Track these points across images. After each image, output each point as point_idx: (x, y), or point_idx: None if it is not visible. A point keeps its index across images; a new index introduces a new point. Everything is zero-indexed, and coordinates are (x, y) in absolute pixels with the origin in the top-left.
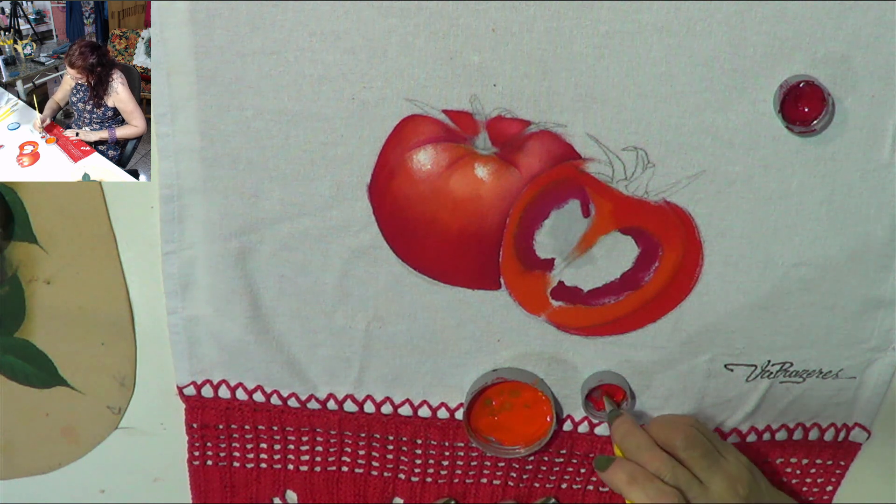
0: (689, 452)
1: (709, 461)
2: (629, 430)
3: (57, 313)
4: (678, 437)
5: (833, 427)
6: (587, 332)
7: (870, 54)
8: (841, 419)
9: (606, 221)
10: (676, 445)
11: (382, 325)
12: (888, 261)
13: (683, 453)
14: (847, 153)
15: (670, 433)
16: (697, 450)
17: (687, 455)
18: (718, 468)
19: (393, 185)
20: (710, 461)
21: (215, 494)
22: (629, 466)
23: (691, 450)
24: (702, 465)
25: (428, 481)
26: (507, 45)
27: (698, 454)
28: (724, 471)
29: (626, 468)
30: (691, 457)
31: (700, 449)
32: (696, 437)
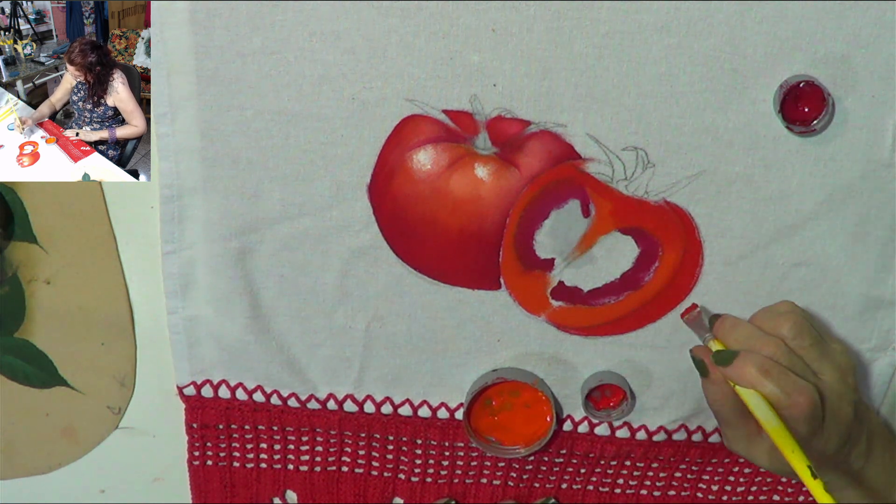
0: (798, 342)
1: (819, 350)
2: (734, 322)
3: (57, 313)
4: (786, 326)
5: None
6: (587, 332)
7: (870, 54)
8: None
9: (606, 221)
10: (784, 335)
11: (382, 325)
12: (888, 261)
13: (793, 342)
14: (847, 153)
15: (776, 322)
16: (807, 339)
17: (796, 344)
18: (828, 357)
19: (393, 185)
20: (821, 350)
21: (215, 494)
22: (758, 357)
23: (800, 339)
24: (812, 355)
25: (428, 481)
26: (507, 45)
27: (808, 343)
28: (834, 360)
29: (755, 359)
30: (801, 346)
31: (809, 338)
32: (804, 325)
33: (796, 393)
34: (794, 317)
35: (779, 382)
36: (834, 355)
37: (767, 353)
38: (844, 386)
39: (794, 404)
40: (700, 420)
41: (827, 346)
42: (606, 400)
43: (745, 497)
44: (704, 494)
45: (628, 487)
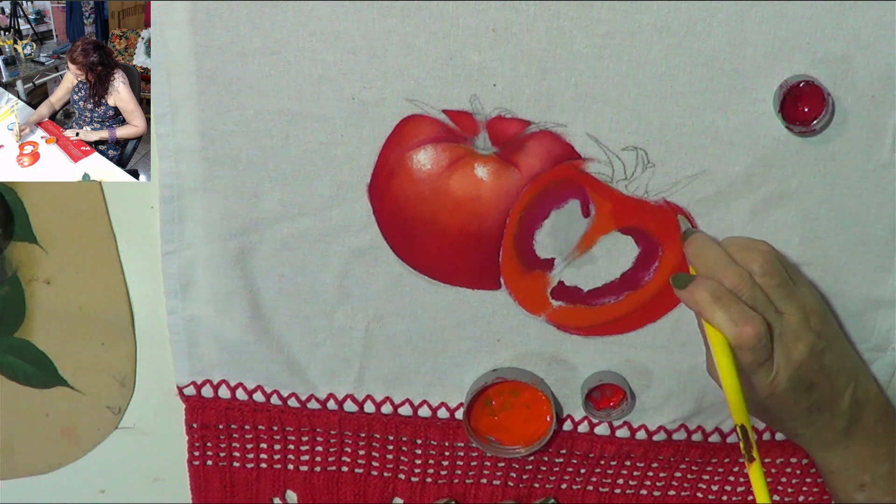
0: (766, 279)
1: (786, 291)
2: (705, 243)
3: (57, 313)
4: (756, 262)
5: None
6: (587, 331)
7: (870, 54)
8: None
9: (606, 221)
10: (753, 270)
11: (382, 325)
12: (888, 261)
13: (761, 279)
14: (847, 153)
15: (748, 256)
16: (775, 278)
17: (764, 282)
18: (794, 298)
19: (393, 185)
20: (787, 291)
21: (215, 494)
22: (712, 284)
23: (769, 277)
24: (778, 295)
25: (428, 481)
26: (507, 45)
27: (776, 283)
28: (800, 301)
29: (709, 286)
30: (768, 284)
31: (778, 277)
32: (774, 264)
33: (743, 321)
34: (766, 255)
35: (728, 310)
36: (801, 297)
37: (728, 283)
38: (804, 327)
39: (739, 332)
40: (700, 420)
41: (795, 289)
42: (606, 400)
43: (745, 497)
44: (704, 494)
45: (628, 487)
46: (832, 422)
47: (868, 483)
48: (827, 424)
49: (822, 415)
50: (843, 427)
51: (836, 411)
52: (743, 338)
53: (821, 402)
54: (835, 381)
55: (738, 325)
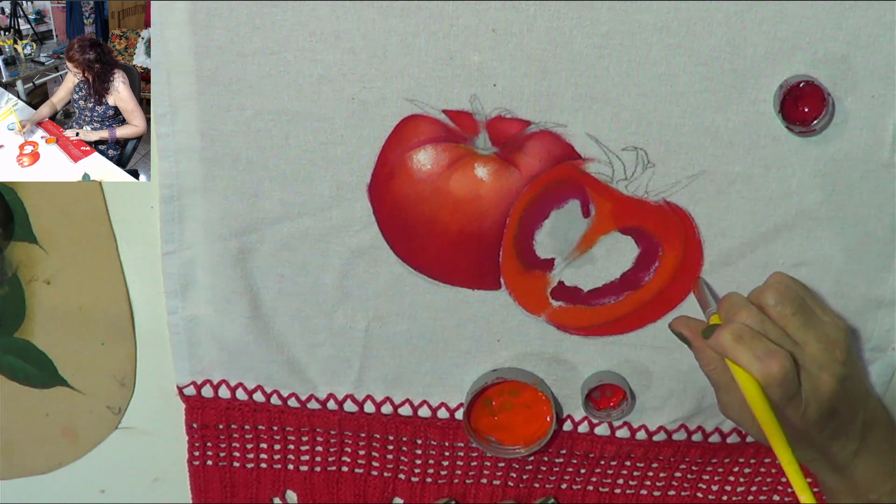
0: (779, 309)
1: (803, 319)
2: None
3: (57, 313)
4: (768, 294)
5: None
6: (587, 331)
7: (870, 54)
8: None
9: (606, 221)
10: (766, 303)
11: (382, 325)
12: (888, 261)
13: (774, 310)
14: (847, 153)
15: (761, 291)
16: (789, 307)
17: (777, 312)
18: (813, 327)
19: (393, 185)
20: (804, 319)
21: (215, 494)
22: (733, 326)
23: (782, 306)
24: (795, 324)
25: (428, 481)
26: (507, 45)
27: (790, 311)
28: (820, 331)
29: (731, 327)
30: (782, 314)
31: (791, 306)
32: (786, 294)
33: (767, 357)
34: (778, 286)
35: (750, 347)
36: (821, 327)
37: (741, 319)
38: (828, 357)
39: (765, 368)
40: (700, 420)
41: (814, 317)
42: (606, 400)
43: (745, 497)
44: (704, 494)
45: (628, 487)
46: (845, 445)
47: (873, 501)
48: (840, 449)
49: (837, 440)
50: (853, 450)
51: (849, 436)
52: (769, 372)
53: (839, 429)
54: (852, 406)
55: (762, 361)
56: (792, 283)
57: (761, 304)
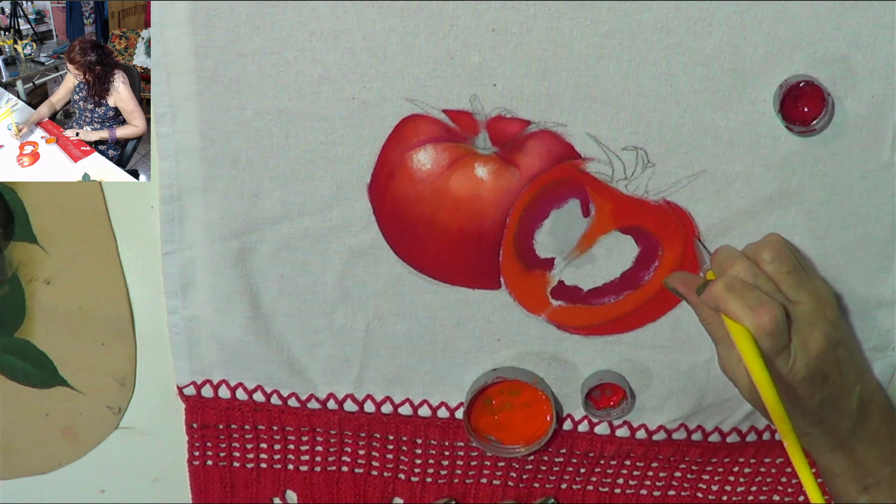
0: (775, 266)
1: (798, 278)
2: (720, 249)
3: (57, 313)
4: (765, 251)
5: None
6: (587, 331)
7: (870, 54)
8: None
9: (606, 221)
10: (763, 258)
11: (382, 325)
12: (888, 261)
13: (769, 266)
14: (847, 153)
15: (757, 247)
16: (785, 265)
17: (773, 269)
18: (807, 287)
19: (393, 184)
20: (799, 279)
21: (215, 494)
22: (727, 277)
23: (778, 264)
24: (789, 282)
25: (428, 481)
26: (507, 45)
27: (786, 269)
28: (813, 290)
29: (724, 279)
30: (778, 271)
31: (787, 265)
32: (783, 252)
33: (758, 307)
34: (775, 244)
35: (742, 296)
36: (814, 287)
37: (734, 271)
38: (819, 316)
39: (756, 318)
40: (699, 419)
41: (806, 278)
42: (606, 399)
43: (745, 497)
44: (704, 494)
45: (628, 487)
46: (840, 421)
47: (872, 485)
48: (835, 424)
49: (831, 412)
50: (849, 427)
51: (844, 410)
52: (760, 322)
53: (832, 399)
54: (846, 378)
55: (753, 311)
56: (788, 244)
57: (757, 259)
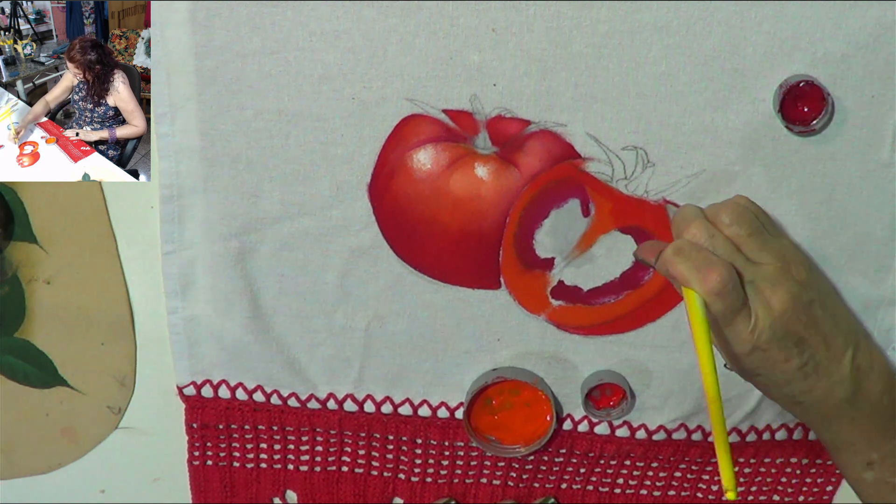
0: (734, 229)
1: (760, 240)
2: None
3: (57, 313)
4: (724, 213)
5: None
6: (587, 331)
7: (870, 54)
8: None
9: (606, 221)
10: (722, 221)
11: (382, 325)
12: (888, 261)
13: (729, 229)
14: (847, 153)
15: (717, 208)
16: (745, 228)
17: (733, 231)
18: (770, 248)
19: (393, 184)
20: (761, 241)
21: (215, 494)
22: (677, 241)
23: (737, 226)
24: (752, 245)
25: (428, 481)
26: (507, 45)
27: (745, 232)
28: (778, 251)
29: (673, 244)
30: (737, 234)
31: (748, 227)
32: (743, 214)
33: (705, 267)
34: (735, 206)
35: (689, 258)
36: (779, 247)
37: (688, 235)
38: (783, 275)
39: (703, 278)
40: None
41: (771, 239)
42: (606, 399)
43: (745, 497)
44: (704, 494)
45: (628, 487)
46: (833, 389)
47: (876, 461)
48: (827, 391)
49: (819, 379)
50: (845, 396)
51: (836, 377)
52: (708, 283)
53: (816, 364)
54: (830, 341)
55: (700, 272)
56: (750, 205)
57: (716, 221)
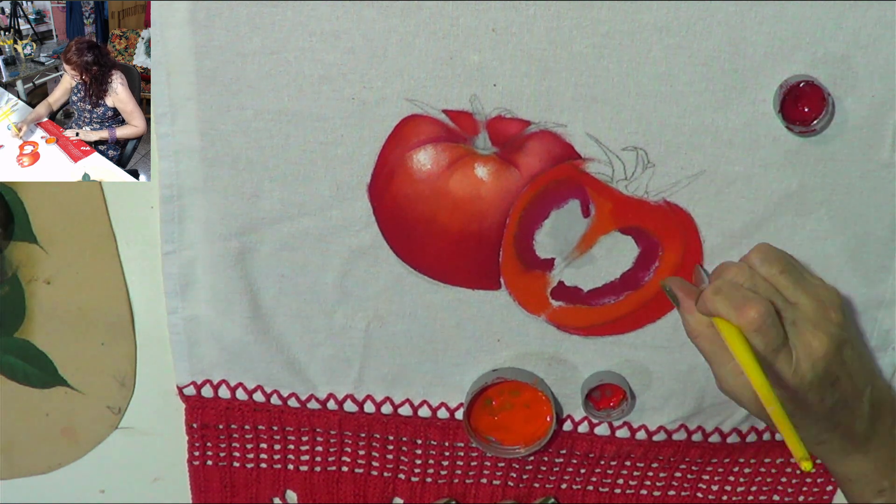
0: (766, 268)
1: (792, 278)
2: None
3: (57, 313)
4: (753, 254)
5: None
6: (587, 331)
7: (870, 54)
8: None
9: (606, 221)
10: (753, 263)
11: (382, 325)
12: (888, 261)
13: (760, 269)
14: (847, 153)
15: (747, 255)
16: (776, 266)
17: (764, 271)
18: (804, 288)
19: (393, 185)
20: (794, 279)
21: (215, 494)
22: (716, 281)
23: (768, 265)
24: (784, 283)
25: (428, 481)
26: (507, 45)
27: (777, 270)
28: (812, 291)
29: (712, 284)
30: (770, 273)
31: (778, 265)
32: (772, 253)
33: (746, 305)
34: (762, 248)
35: (728, 297)
36: (813, 288)
37: (728, 276)
38: (822, 316)
39: (743, 316)
40: (700, 420)
41: (803, 278)
42: (606, 400)
43: (745, 497)
44: (704, 494)
45: (628, 487)
46: (853, 426)
47: (887, 488)
48: (848, 429)
49: (844, 416)
50: (863, 431)
51: (856, 414)
52: (747, 319)
53: (843, 403)
54: (856, 380)
55: (738, 309)
56: (777, 249)
57: (749, 265)
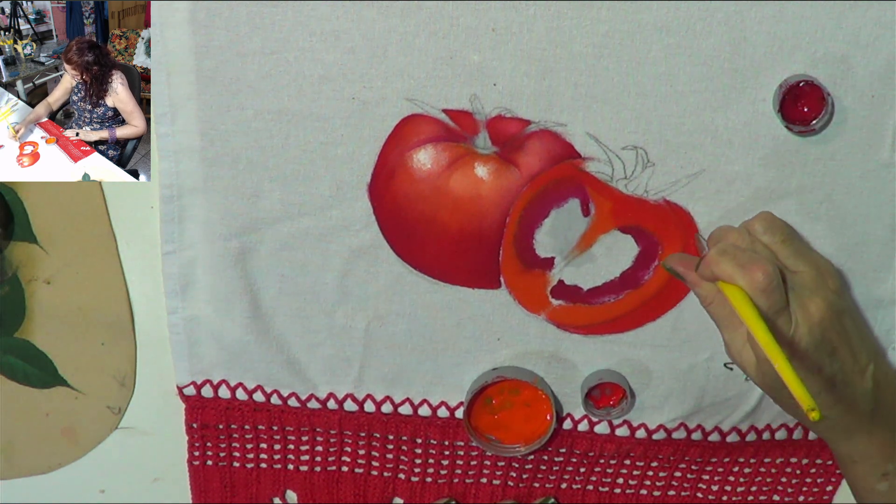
0: (768, 237)
1: (793, 247)
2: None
3: (57, 313)
4: (756, 222)
5: None
6: (587, 330)
7: (870, 54)
8: None
9: (606, 220)
10: (756, 230)
11: (382, 325)
12: (888, 261)
13: (763, 237)
14: (847, 153)
15: (749, 222)
16: (778, 235)
17: (767, 239)
18: (804, 256)
19: (393, 184)
20: (795, 248)
21: (215, 494)
22: (720, 244)
23: (770, 234)
24: (786, 251)
25: (428, 481)
26: (507, 45)
27: (779, 239)
28: (812, 259)
29: (717, 246)
30: (772, 241)
31: (781, 234)
32: (775, 223)
33: (751, 265)
34: (765, 217)
35: (734, 258)
36: (812, 257)
37: (729, 240)
38: (819, 284)
39: (748, 275)
40: (699, 418)
41: (804, 248)
42: (606, 398)
43: (745, 497)
44: (704, 494)
45: (628, 487)
46: (856, 403)
47: (891, 472)
48: (851, 406)
49: (846, 390)
50: (866, 410)
51: (859, 391)
52: (754, 280)
53: (844, 374)
54: (857, 354)
55: (745, 269)
56: (779, 219)
57: (750, 232)
